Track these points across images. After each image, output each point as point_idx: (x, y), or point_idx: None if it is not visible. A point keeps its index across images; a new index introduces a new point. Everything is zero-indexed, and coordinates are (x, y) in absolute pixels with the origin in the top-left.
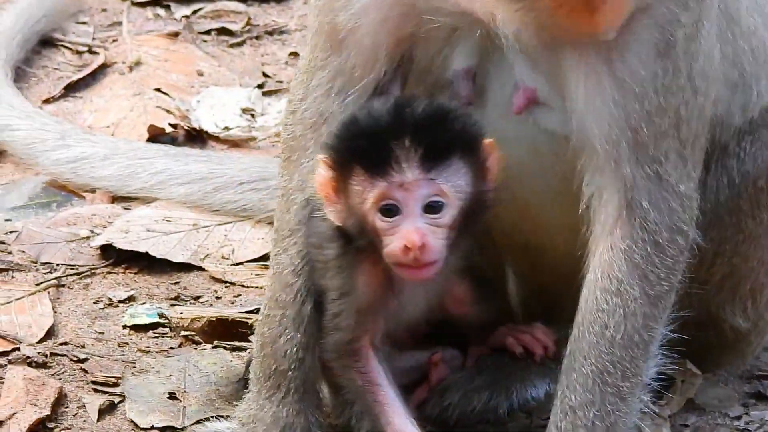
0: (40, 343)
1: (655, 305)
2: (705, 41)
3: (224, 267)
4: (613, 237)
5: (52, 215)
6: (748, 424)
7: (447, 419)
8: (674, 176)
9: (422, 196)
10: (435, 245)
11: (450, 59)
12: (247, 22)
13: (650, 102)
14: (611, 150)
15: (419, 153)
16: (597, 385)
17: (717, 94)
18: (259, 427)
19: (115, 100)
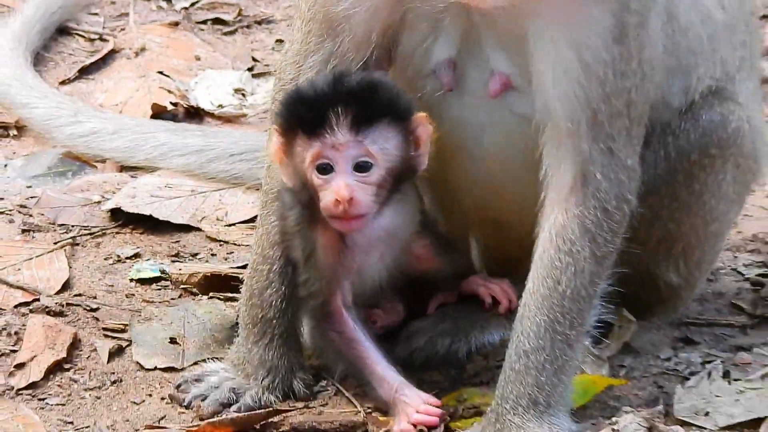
0: (57, 295)
1: (600, 264)
2: (652, 31)
3: (218, 228)
4: (568, 203)
5: (68, 182)
6: (677, 365)
7: (413, 362)
8: (624, 152)
9: (351, 156)
10: (362, 200)
11: (432, 49)
12: (239, 12)
13: (609, 85)
14: (572, 127)
15: (349, 118)
16: (548, 333)
17: (659, 80)
18: (248, 367)
19: (123, 81)
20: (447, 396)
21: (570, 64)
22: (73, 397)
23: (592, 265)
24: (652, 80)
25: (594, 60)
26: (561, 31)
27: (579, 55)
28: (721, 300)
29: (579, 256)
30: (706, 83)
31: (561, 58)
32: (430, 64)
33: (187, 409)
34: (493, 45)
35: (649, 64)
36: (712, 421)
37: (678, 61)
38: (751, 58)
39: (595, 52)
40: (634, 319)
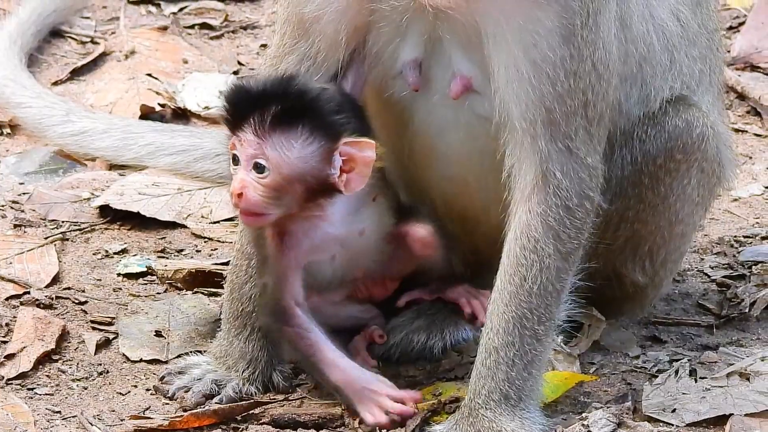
0: (47, 288)
1: (566, 260)
2: (604, 34)
3: (203, 225)
4: (531, 202)
5: (59, 180)
6: (645, 363)
7: (390, 357)
8: (583, 150)
9: (249, 154)
10: (251, 197)
11: (399, 50)
12: (225, 18)
13: (561, 84)
14: (528, 127)
15: (260, 120)
16: (516, 329)
17: (616, 83)
18: (229, 360)
19: (113, 83)
20: (423, 390)
21: (521, 65)
22: (61, 387)
23: (557, 261)
24: (609, 82)
25: (542, 60)
26: (510, 31)
27: (528, 55)
28: (688, 300)
29: (543, 253)
30: (666, 93)
31: (512, 58)
32: (398, 65)
33: (171, 400)
34: (454, 46)
35: (603, 65)
36: (678, 417)
37: (632, 69)
38: (710, 73)
39: (543, 52)
40: (604, 318)
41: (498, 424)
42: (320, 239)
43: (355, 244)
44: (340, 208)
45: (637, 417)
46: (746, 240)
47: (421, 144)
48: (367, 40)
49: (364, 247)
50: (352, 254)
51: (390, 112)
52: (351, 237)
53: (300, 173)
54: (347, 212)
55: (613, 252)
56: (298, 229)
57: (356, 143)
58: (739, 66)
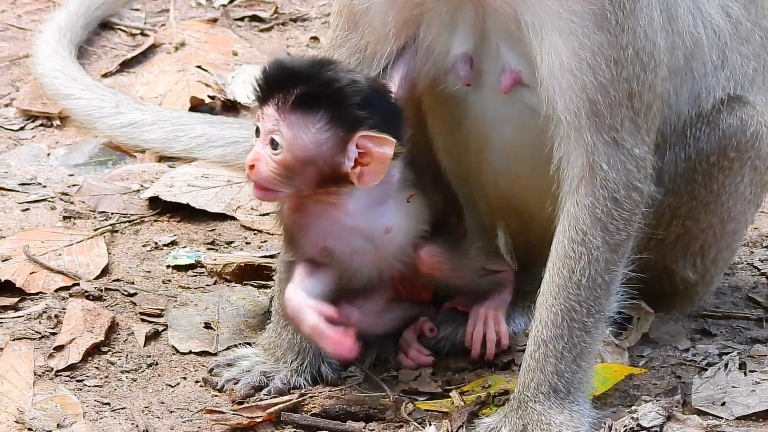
0: (97, 280)
1: (615, 251)
2: (643, 22)
3: (253, 217)
4: (578, 194)
5: (108, 171)
6: (695, 356)
7: (440, 349)
8: (629, 141)
9: (268, 129)
10: (263, 172)
11: (450, 44)
12: (275, 10)
13: (603, 74)
14: (573, 119)
15: (283, 98)
16: (565, 321)
17: (664, 74)
18: (278, 351)
19: (163, 75)
20: (472, 383)
21: (561, 54)
22: (110, 379)
23: (605, 253)
24: (657, 73)
25: (580, 47)
26: (548, 19)
27: (567, 43)
28: (738, 294)
29: (591, 245)
30: (718, 93)
31: (552, 47)
32: (449, 59)
33: (221, 392)
34: (501, 39)
35: (647, 55)
36: (728, 410)
37: (680, 62)
38: (764, 72)
39: (579, 38)
40: (653, 311)
41: (547, 417)
42: (336, 226)
43: (380, 241)
44: (361, 200)
45: (686, 410)
46: None
47: (475, 138)
48: (417, 34)
49: (392, 247)
50: (379, 253)
51: (444, 107)
52: (375, 232)
53: (312, 157)
54: (369, 205)
55: (665, 248)
56: (314, 210)
57: (375, 138)
58: None
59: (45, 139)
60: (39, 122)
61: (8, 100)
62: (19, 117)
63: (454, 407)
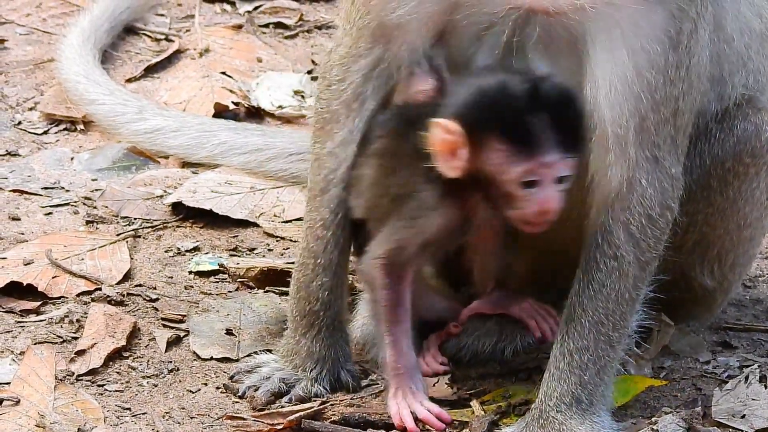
0: (119, 285)
1: (644, 269)
2: (701, 39)
3: (276, 224)
4: (614, 209)
5: (132, 177)
6: (716, 368)
7: (461, 358)
8: (669, 160)
9: (559, 173)
10: (559, 208)
11: (475, 57)
12: (300, 17)
13: (659, 92)
14: (620, 133)
15: (560, 136)
16: (592, 333)
17: (704, 89)
18: (296, 359)
19: (187, 81)
20: (493, 392)
21: (623, 70)
22: (131, 384)
23: (636, 270)
24: (699, 89)
25: (648, 66)
26: (620, 34)
27: (635, 60)
28: (759, 306)
29: (624, 260)
30: (739, 91)
31: (615, 62)
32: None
33: (241, 399)
34: (540, 52)
35: (696, 72)
36: (748, 423)
37: (719, 71)
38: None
39: (651, 58)
40: (673, 323)
41: (568, 427)
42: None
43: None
44: None
45: (706, 422)
46: None
47: None
48: (444, 46)
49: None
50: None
51: None
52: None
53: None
54: None
55: (682, 255)
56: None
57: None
58: None
59: (69, 144)
60: (63, 126)
61: (32, 103)
62: (43, 121)
63: (474, 416)
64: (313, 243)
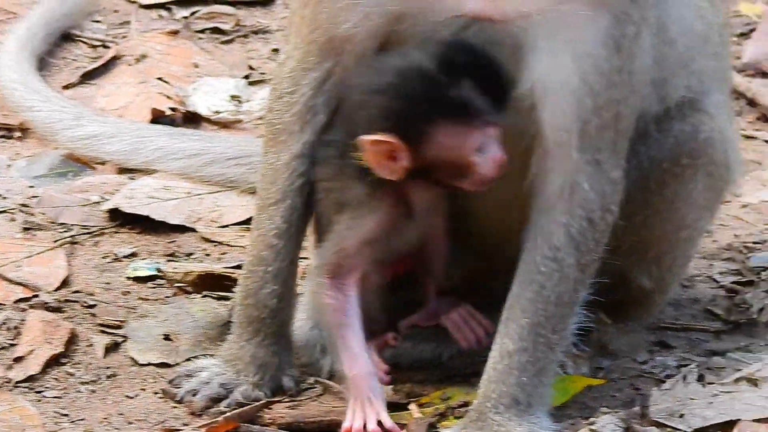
0: (56, 291)
1: (583, 272)
2: (644, 43)
3: (213, 229)
4: (555, 212)
5: (69, 183)
6: (654, 368)
7: (400, 363)
8: (609, 163)
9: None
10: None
11: None
12: (237, 22)
13: (602, 96)
14: (563, 137)
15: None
16: (531, 335)
17: (645, 92)
18: (239, 364)
19: (124, 87)
20: (431, 395)
21: (567, 75)
22: (69, 391)
23: (576, 273)
24: (640, 93)
25: (592, 70)
26: (563, 40)
27: (578, 66)
28: (697, 306)
29: (564, 263)
30: (680, 93)
31: (559, 67)
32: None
33: (180, 404)
34: None
35: (638, 76)
36: (686, 423)
37: (662, 73)
38: (722, 70)
39: (595, 62)
40: (610, 322)
41: (507, 429)
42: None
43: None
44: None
45: (644, 422)
46: (755, 246)
47: None
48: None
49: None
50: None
51: None
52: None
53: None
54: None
55: (620, 257)
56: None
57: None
58: (750, 72)
59: (6, 151)
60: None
61: None
62: None
63: (413, 419)
64: (264, 251)
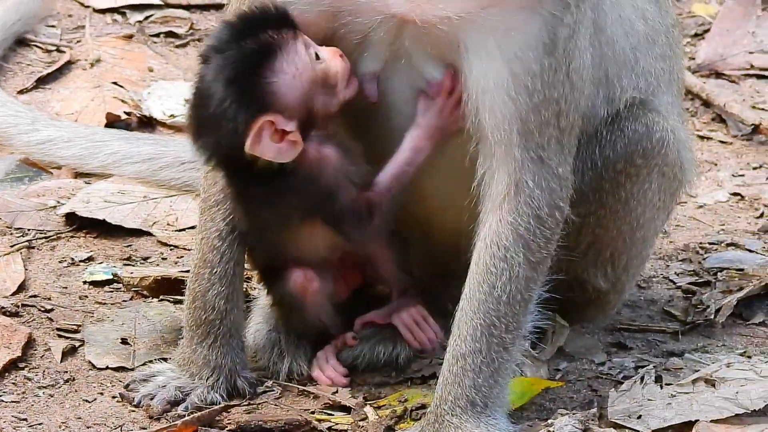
0: (13, 296)
1: (535, 269)
2: (581, 43)
3: (169, 233)
4: (502, 211)
5: (25, 188)
6: (611, 369)
7: (357, 366)
8: (554, 160)
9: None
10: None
11: (359, 63)
12: (191, 26)
13: (538, 95)
14: (502, 137)
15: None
16: (484, 336)
17: (588, 91)
18: (192, 367)
19: (79, 91)
20: (389, 397)
21: (500, 75)
22: (27, 395)
23: (526, 271)
24: (582, 91)
25: (524, 71)
26: (494, 42)
27: (510, 67)
28: (654, 307)
29: (513, 261)
30: (629, 94)
31: (491, 69)
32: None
33: (138, 408)
34: (424, 58)
35: (577, 74)
36: (644, 423)
37: (605, 73)
38: (670, 72)
39: (526, 63)
40: (567, 324)
41: (464, 430)
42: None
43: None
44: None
45: (602, 423)
46: (711, 247)
47: (378, 152)
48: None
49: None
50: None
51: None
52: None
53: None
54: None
55: (575, 257)
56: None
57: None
58: (704, 73)
59: None
60: None
61: None
62: None
63: (369, 422)
64: (208, 253)
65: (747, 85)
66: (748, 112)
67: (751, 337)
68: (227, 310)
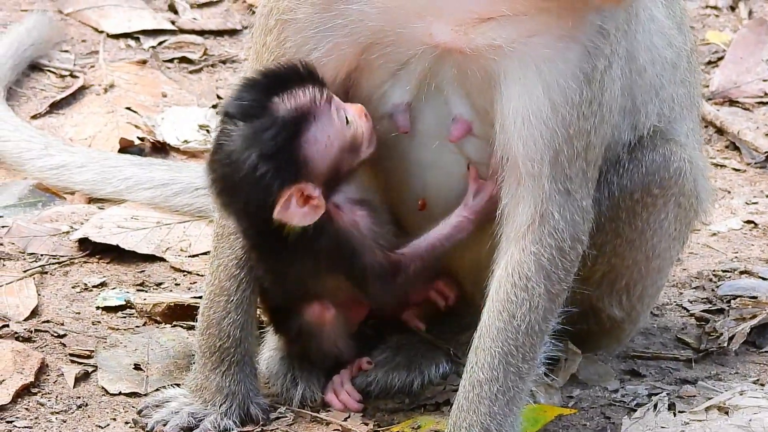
0: (26, 321)
1: (554, 301)
2: (614, 74)
3: (182, 258)
4: (525, 240)
5: (38, 213)
6: (624, 396)
7: (370, 392)
8: (580, 193)
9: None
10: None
11: (390, 93)
12: (204, 52)
13: (573, 126)
14: (533, 168)
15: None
16: (502, 365)
17: (615, 121)
18: (206, 393)
19: (92, 116)
20: (402, 423)
21: (538, 105)
22: (40, 420)
23: (546, 302)
24: (610, 122)
25: (563, 101)
26: (535, 70)
27: (550, 96)
28: (667, 334)
29: (534, 292)
30: (653, 120)
31: (530, 98)
32: (387, 107)
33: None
34: (455, 90)
35: (608, 106)
36: None
37: (632, 101)
38: (690, 96)
39: (566, 93)
40: (580, 351)
41: None
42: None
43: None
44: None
45: None
46: (725, 274)
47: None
48: (356, 83)
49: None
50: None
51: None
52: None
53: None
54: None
55: (591, 286)
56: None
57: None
58: (718, 101)
59: None
60: None
61: None
62: None
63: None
64: (225, 281)
65: (761, 112)
66: (761, 140)
67: (765, 365)
68: (242, 337)
